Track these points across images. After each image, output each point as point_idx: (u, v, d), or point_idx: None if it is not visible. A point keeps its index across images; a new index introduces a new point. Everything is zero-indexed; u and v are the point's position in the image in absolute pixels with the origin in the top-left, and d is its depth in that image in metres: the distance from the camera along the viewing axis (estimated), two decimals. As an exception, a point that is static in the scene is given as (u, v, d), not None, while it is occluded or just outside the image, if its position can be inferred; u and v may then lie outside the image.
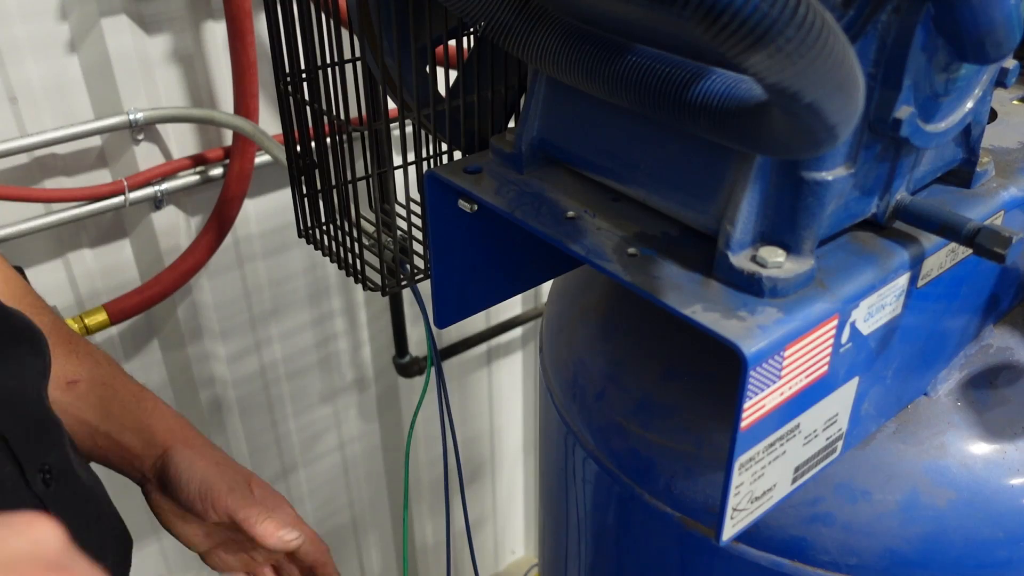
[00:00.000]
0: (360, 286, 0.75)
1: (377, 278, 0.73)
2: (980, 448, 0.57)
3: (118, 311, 1.17)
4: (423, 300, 1.04)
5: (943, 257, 0.53)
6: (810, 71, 0.31)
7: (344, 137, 0.70)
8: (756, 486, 0.49)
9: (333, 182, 0.74)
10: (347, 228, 0.74)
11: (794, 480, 0.52)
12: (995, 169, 0.57)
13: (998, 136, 0.61)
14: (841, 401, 0.51)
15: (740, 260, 0.47)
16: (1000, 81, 0.51)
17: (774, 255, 0.46)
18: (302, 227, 0.79)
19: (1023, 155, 0.59)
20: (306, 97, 0.71)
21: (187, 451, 0.70)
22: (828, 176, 0.45)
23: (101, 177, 1.17)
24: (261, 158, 1.22)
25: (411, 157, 0.72)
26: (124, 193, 1.14)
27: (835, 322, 0.46)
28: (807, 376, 0.47)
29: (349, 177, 0.72)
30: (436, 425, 0.98)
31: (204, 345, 1.36)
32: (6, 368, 0.57)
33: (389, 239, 0.76)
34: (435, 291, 0.65)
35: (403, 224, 0.77)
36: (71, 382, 0.70)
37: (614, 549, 0.71)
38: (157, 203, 1.20)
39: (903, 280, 0.50)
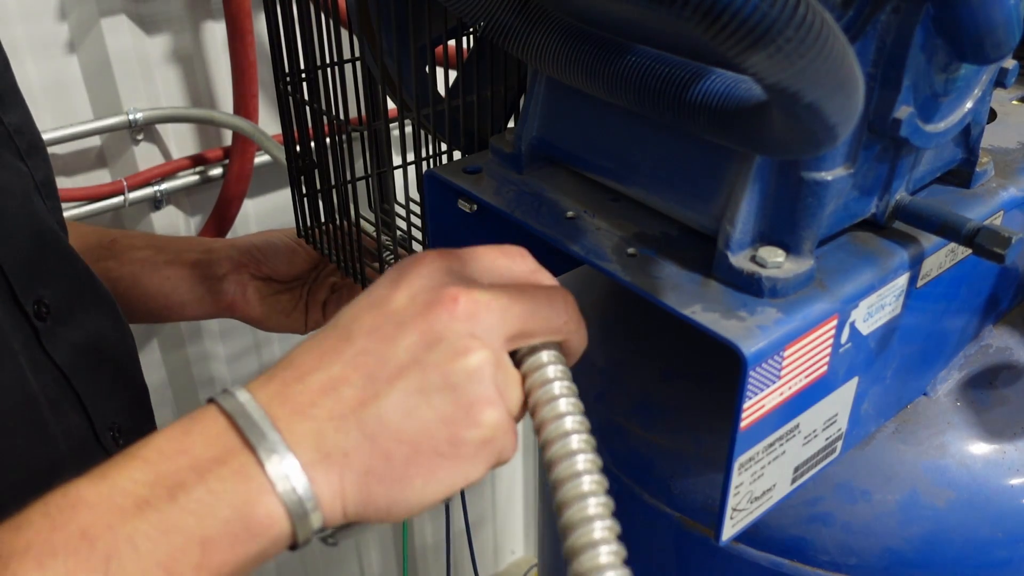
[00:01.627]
0: (360, 286, 0.75)
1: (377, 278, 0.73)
2: (979, 448, 0.57)
3: (118, 311, 1.17)
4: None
5: (942, 257, 0.53)
6: (810, 71, 0.31)
7: (344, 137, 0.70)
8: (756, 486, 0.49)
9: (333, 182, 0.74)
10: (347, 228, 0.74)
11: (794, 480, 0.52)
12: (994, 169, 0.57)
13: (997, 136, 0.61)
14: (841, 401, 0.51)
15: (739, 260, 0.47)
16: (999, 81, 0.51)
17: (774, 255, 0.46)
18: (302, 227, 0.79)
19: (1022, 155, 0.59)
20: (306, 97, 0.71)
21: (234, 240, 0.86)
22: (827, 176, 0.45)
23: (101, 177, 1.17)
24: (261, 158, 1.22)
25: (411, 157, 0.72)
26: (124, 193, 1.14)
27: (835, 322, 0.46)
28: (807, 376, 0.47)
29: (349, 177, 0.72)
30: (436, 425, 0.98)
31: (204, 345, 1.36)
32: (83, 327, 0.58)
33: (389, 239, 0.76)
34: (435, 291, 0.65)
35: (403, 224, 0.77)
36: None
37: (614, 549, 0.71)
38: (157, 203, 1.20)
39: (902, 280, 0.50)
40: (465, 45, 0.67)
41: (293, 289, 0.88)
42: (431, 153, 0.72)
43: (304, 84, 0.71)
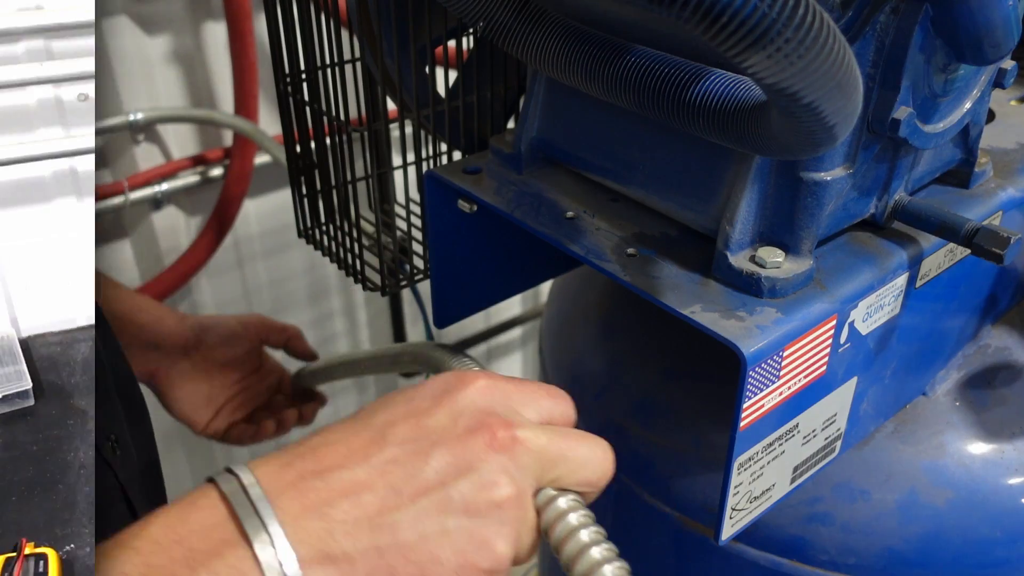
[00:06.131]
0: (360, 286, 0.76)
1: (377, 278, 0.74)
2: (978, 448, 0.58)
3: (118, 311, 1.17)
4: (423, 300, 1.03)
5: (941, 257, 0.53)
6: (809, 72, 0.31)
7: (344, 137, 0.70)
8: (755, 486, 0.49)
9: (333, 182, 0.74)
10: (347, 228, 0.74)
11: (793, 480, 0.52)
12: (993, 169, 0.57)
13: (996, 137, 0.61)
14: (840, 401, 0.52)
15: (739, 260, 0.47)
16: (998, 82, 0.51)
17: (773, 255, 0.46)
18: (302, 227, 0.79)
19: (1021, 156, 0.59)
20: (306, 97, 0.71)
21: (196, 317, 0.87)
22: (827, 176, 0.45)
23: (101, 177, 1.17)
24: (261, 158, 1.22)
25: (411, 157, 0.73)
26: (124, 193, 1.14)
27: (834, 322, 0.47)
28: (806, 376, 0.47)
29: (349, 177, 0.72)
30: (436, 425, 0.97)
31: (204, 345, 1.36)
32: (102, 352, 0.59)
33: (389, 239, 0.76)
34: (435, 291, 0.65)
35: (403, 224, 0.77)
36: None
37: (613, 549, 0.71)
38: (157, 203, 1.20)
39: (901, 280, 0.50)
40: (465, 45, 0.67)
41: (215, 388, 0.86)
42: (431, 153, 0.72)
43: (304, 84, 0.71)
